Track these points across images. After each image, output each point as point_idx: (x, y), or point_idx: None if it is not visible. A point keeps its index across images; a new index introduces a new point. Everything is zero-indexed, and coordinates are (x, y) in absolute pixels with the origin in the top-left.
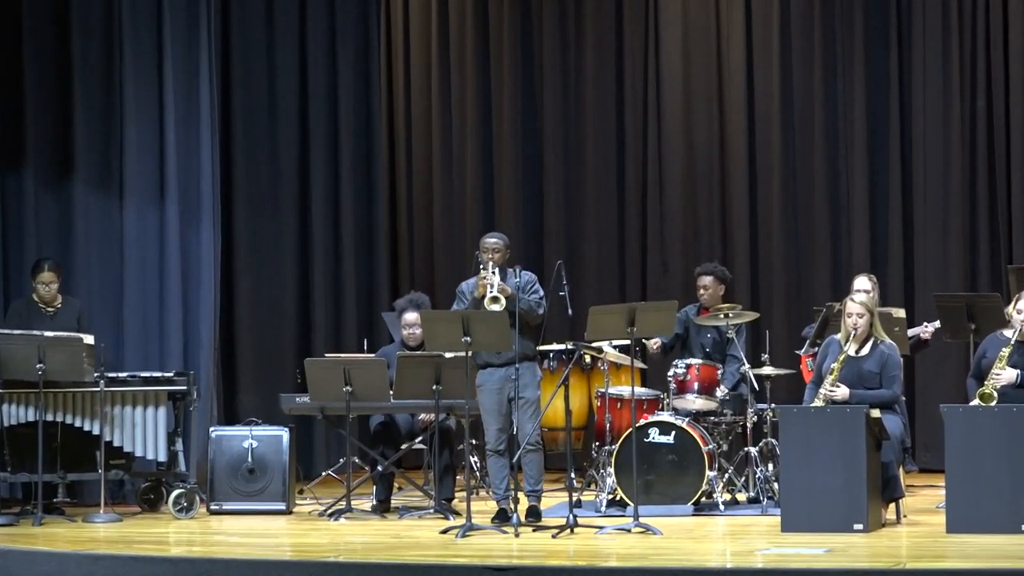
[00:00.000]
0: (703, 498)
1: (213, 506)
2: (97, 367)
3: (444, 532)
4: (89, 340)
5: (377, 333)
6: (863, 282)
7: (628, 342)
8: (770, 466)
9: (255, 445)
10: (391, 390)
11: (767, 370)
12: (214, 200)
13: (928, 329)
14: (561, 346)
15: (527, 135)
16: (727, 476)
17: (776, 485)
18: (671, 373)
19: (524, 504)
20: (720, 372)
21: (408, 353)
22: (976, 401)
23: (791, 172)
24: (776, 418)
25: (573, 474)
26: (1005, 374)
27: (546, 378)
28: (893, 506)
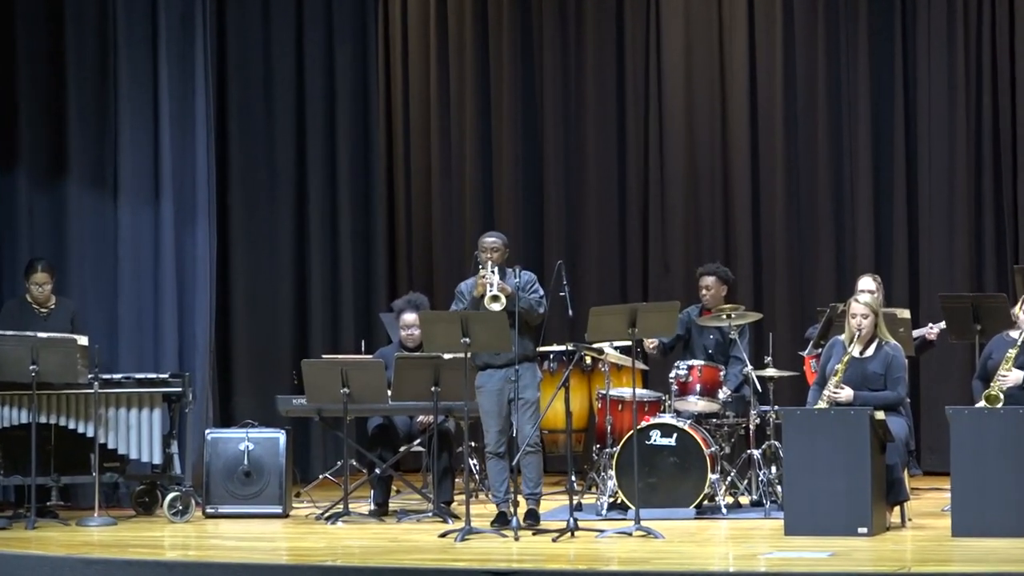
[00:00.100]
0: (705, 501)
1: (209, 509)
2: (91, 368)
3: (443, 536)
4: (83, 341)
5: (375, 334)
6: (867, 282)
7: (629, 343)
8: (773, 469)
9: (251, 448)
10: (389, 392)
11: (770, 371)
12: (209, 200)
13: (933, 330)
14: (561, 347)
15: (527, 133)
16: (729, 479)
17: (779, 488)
18: (673, 375)
19: (523, 507)
20: (722, 373)
21: (406, 354)
22: (982, 403)
23: (794, 170)
24: (779, 420)
25: (574, 477)
26: (1011, 375)
27: (546, 380)
28: (898, 509)
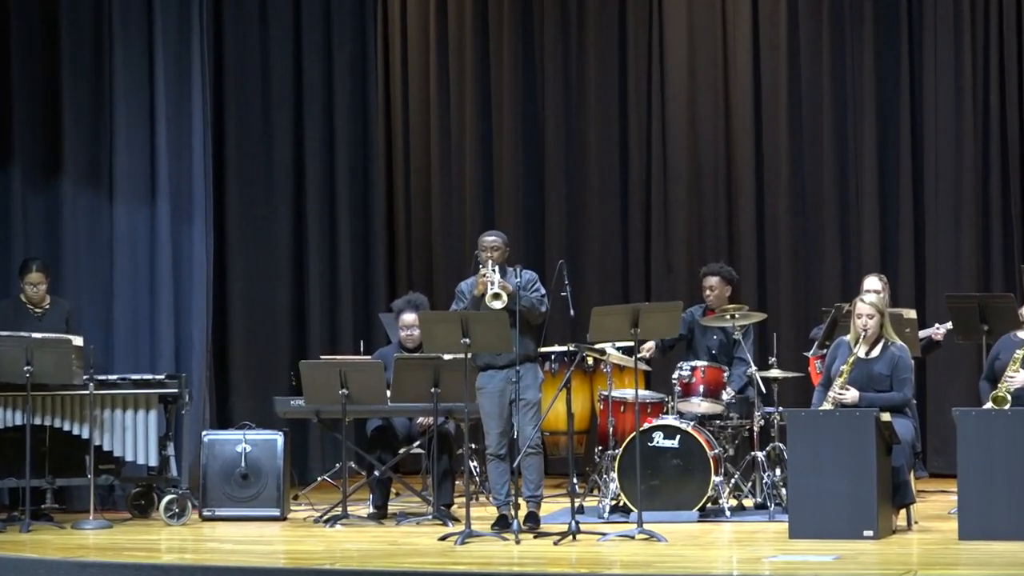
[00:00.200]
0: (709, 504)
1: (205, 512)
2: (86, 369)
3: (443, 539)
4: (78, 342)
5: (374, 334)
6: (873, 282)
7: (632, 344)
8: (777, 471)
9: (248, 449)
10: (388, 393)
11: (774, 372)
12: (206, 199)
13: (940, 330)
14: (563, 348)
15: (527, 131)
16: (733, 481)
17: (784, 490)
18: (676, 375)
19: (523, 510)
20: (726, 374)
21: (406, 355)
22: (989, 404)
23: (799, 169)
24: (784, 422)
25: (575, 479)
26: (1019, 376)
27: (547, 381)
28: (904, 512)
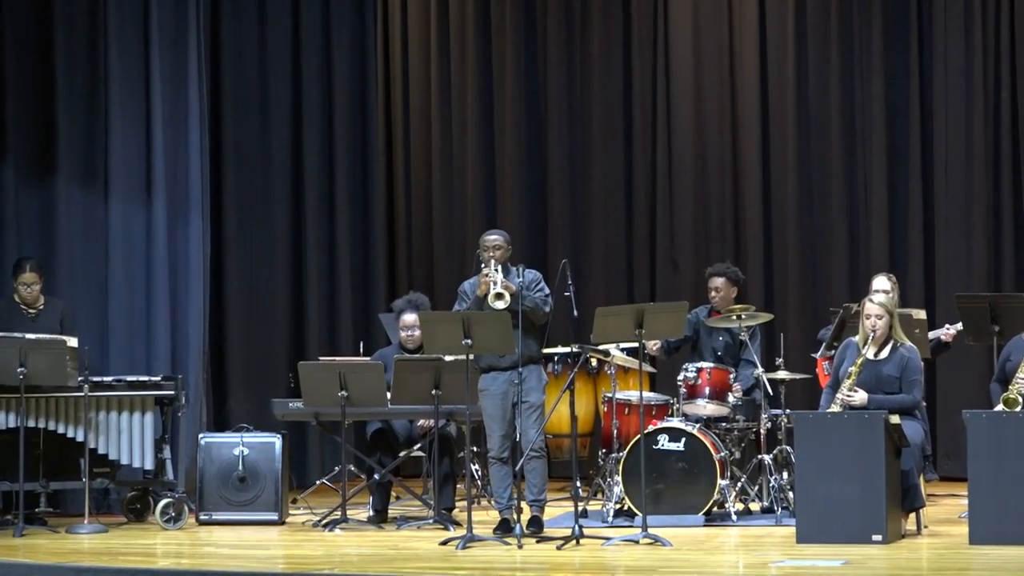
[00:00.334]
0: (715, 508)
1: (202, 516)
2: (81, 371)
3: (444, 543)
4: (73, 343)
5: (374, 335)
6: (882, 282)
7: (636, 345)
8: (785, 474)
9: (246, 452)
10: (388, 395)
11: (781, 374)
12: (203, 197)
13: (950, 331)
14: (566, 349)
15: (530, 128)
16: (740, 485)
17: (791, 494)
18: (681, 377)
19: (526, 514)
20: (732, 376)
21: (406, 356)
22: (1000, 407)
23: (806, 167)
24: (791, 424)
25: (579, 483)
26: None
27: (550, 382)
28: (913, 516)
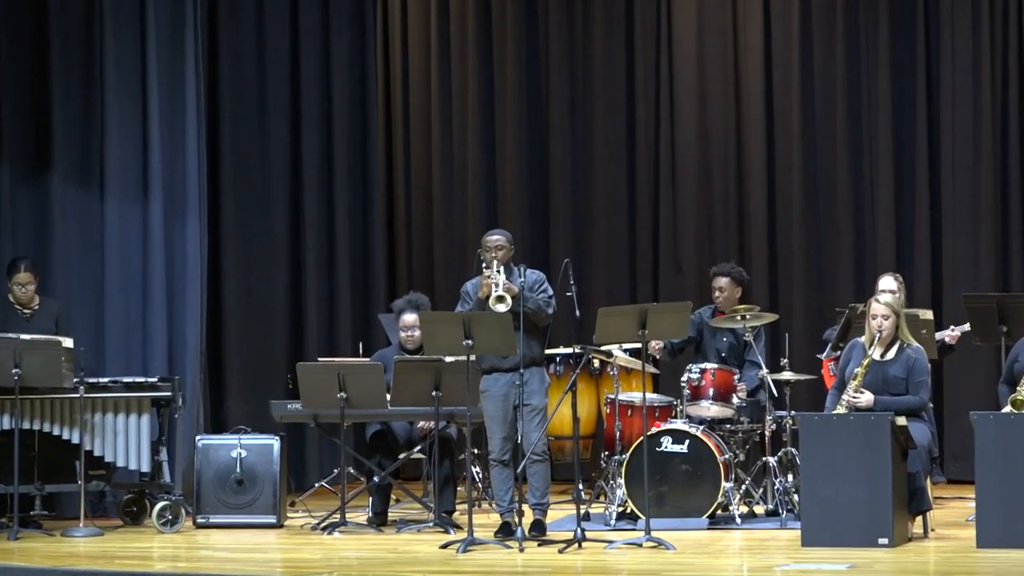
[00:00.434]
0: (719, 511)
1: (199, 519)
2: (76, 372)
3: (444, 547)
4: (68, 344)
5: (373, 336)
6: (888, 282)
7: (639, 345)
8: (790, 477)
9: (244, 455)
10: (388, 396)
11: (786, 375)
12: (200, 196)
13: (954, 333)
14: (568, 350)
15: (532, 126)
16: (744, 487)
17: (796, 497)
18: (685, 378)
19: (529, 518)
20: (737, 377)
21: (406, 357)
22: (1008, 408)
23: (812, 165)
24: (796, 426)
25: (581, 485)
26: None
27: (552, 384)
28: (920, 519)
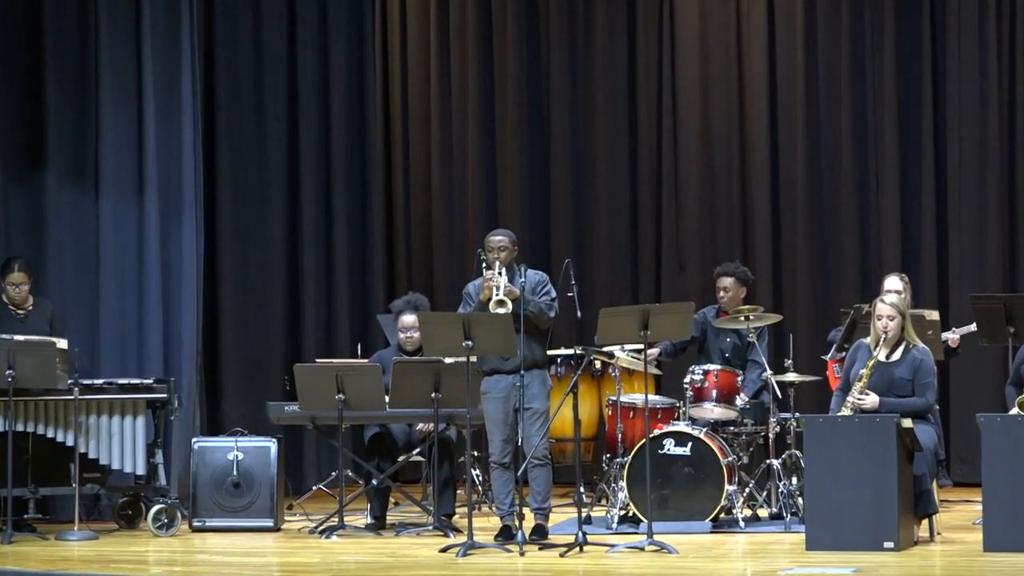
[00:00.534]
0: (722, 514)
1: (196, 523)
2: (71, 373)
3: (444, 551)
4: (62, 345)
5: (372, 337)
6: (894, 282)
7: (641, 346)
8: (794, 480)
9: (241, 457)
10: (387, 398)
11: (791, 377)
12: (197, 195)
13: (956, 335)
14: (569, 351)
15: (533, 124)
16: (748, 490)
17: (800, 500)
18: (688, 380)
19: (530, 522)
20: (740, 379)
21: (405, 358)
22: (1015, 410)
23: (816, 163)
24: (800, 428)
25: (582, 488)
26: None
27: (554, 385)
28: (926, 523)
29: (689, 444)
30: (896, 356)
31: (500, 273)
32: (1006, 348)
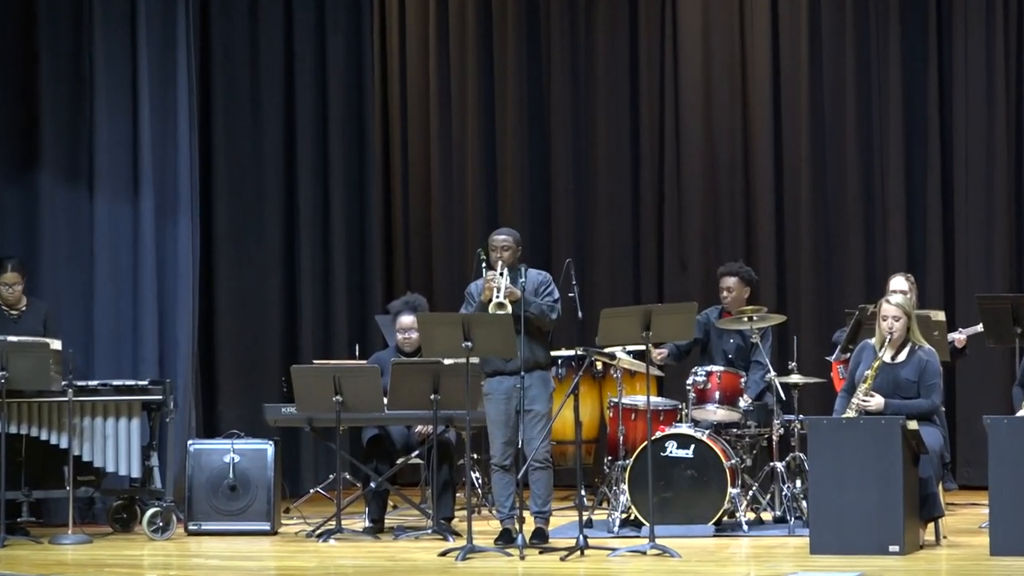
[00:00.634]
0: (725, 517)
1: (191, 526)
2: (65, 375)
3: (443, 555)
4: (56, 346)
5: (370, 338)
6: (899, 282)
7: (643, 347)
8: (798, 482)
9: (237, 460)
10: (385, 400)
11: (795, 378)
12: (192, 194)
13: (962, 335)
14: (571, 352)
15: (533, 122)
16: (751, 493)
17: (804, 503)
18: (690, 381)
19: (530, 525)
20: (743, 380)
21: (404, 359)
22: (1023, 412)
23: (821, 162)
24: (804, 430)
25: (583, 491)
26: None
27: (555, 387)
28: (932, 526)
29: (692, 446)
30: (902, 357)
31: (502, 274)
32: (1013, 349)
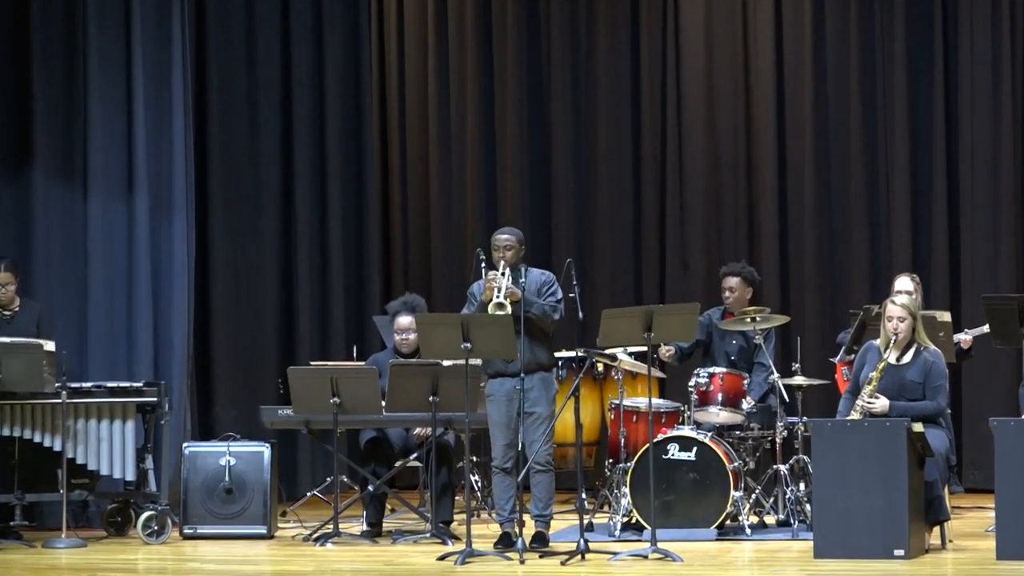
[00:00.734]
0: (728, 521)
1: (187, 530)
2: (58, 376)
3: (442, 559)
4: (50, 347)
5: (368, 339)
6: (904, 282)
7: (645, 349)
8: (801, 486)
9: (233, 463)
10: (383, 402)
11: (798, 380)
12: (188, 193)
13: (968, 336)
14: (571, 353)
15: (533, 122)
16: (754, 497)
17: (808, 507)
18: (692, 383)
19: (530, 529)
20: (746, 382)
21: (402, 361)
22: None
23: (825, 161)
24: (808, 432)
25: (584, 494)
26: None
27: (557, 389)
28: (937, 530)
29: (694, 449)
30: (907, 359)
31: (503, 274)
32: (1020, 350)
